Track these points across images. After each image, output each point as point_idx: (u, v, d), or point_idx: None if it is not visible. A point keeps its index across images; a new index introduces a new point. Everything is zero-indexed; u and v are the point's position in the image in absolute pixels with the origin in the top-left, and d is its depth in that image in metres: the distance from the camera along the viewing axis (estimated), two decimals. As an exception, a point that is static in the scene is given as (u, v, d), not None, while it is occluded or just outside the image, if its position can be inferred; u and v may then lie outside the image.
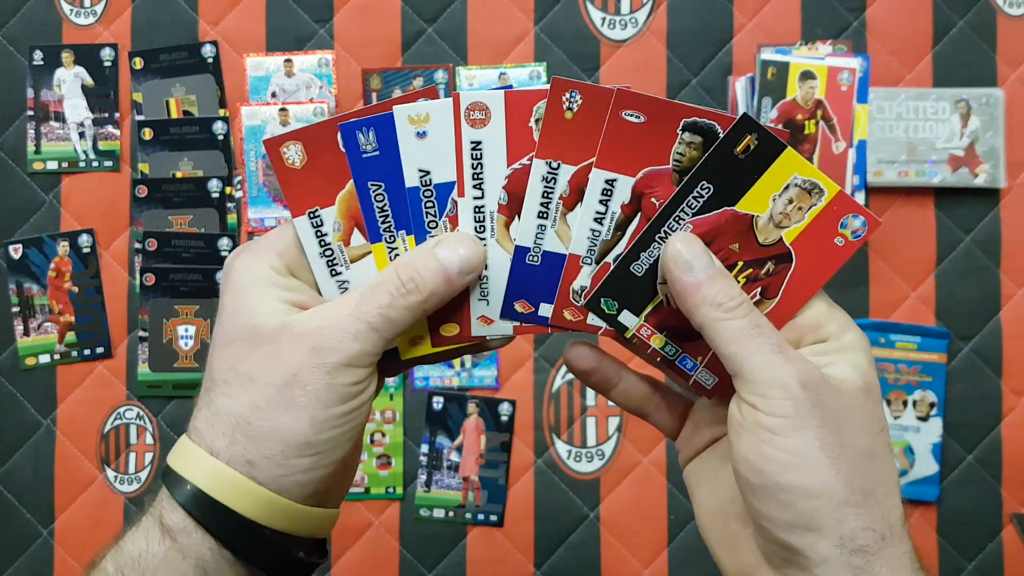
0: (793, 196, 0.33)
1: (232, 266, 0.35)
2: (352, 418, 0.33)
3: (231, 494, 0.32)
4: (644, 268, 0.35)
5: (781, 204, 0.33)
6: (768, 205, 0.33)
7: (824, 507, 0.31)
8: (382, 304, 0.33)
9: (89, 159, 0.85)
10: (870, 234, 0.34)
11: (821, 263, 0.34)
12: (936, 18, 0.84)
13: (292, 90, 0.85)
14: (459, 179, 0.34)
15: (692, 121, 0.32)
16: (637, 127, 0.33)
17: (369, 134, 0.33)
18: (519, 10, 0.85)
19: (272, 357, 0.32)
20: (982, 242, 0.83)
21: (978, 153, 0.82)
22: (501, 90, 0.32)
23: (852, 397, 0.32)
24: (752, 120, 0.32)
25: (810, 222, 0.34)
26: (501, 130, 0.33)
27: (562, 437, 0.83)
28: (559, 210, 0.34)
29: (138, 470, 0.84)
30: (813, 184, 0.33)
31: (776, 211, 0.34)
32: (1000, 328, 0.82)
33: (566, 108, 0.32)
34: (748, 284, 0.35)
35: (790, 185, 0.33)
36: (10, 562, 0.83)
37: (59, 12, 0.86)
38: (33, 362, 0.84)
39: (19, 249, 0.84)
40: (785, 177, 0.33)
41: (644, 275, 0.35)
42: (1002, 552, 0.81)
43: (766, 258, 0.34)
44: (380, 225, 0.35)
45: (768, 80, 0.77)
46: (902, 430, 0.81)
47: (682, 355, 0.36)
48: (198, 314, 0.84)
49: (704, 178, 0.33)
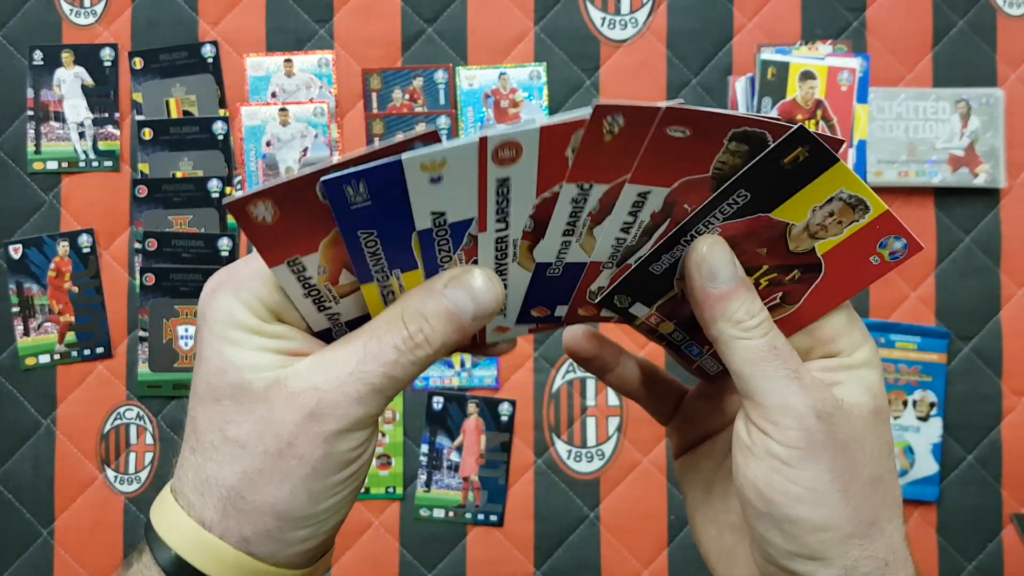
0: (835, 209, 0.32)
1: (210, 308, 0.31)
2: (353, 480, 0.31)
3: (221, 568, 0.29)
4: (664, 267, 0.33)
5: (821, 216, 0.32)
6: (807, 215, 0.32)
7: (830, 540, 0.30)
8: (388, 362, 0.29)
9: (89, 159, 0.85)
10: (910, 256, 0.33)
11: (851, 278, 0.33)
12: (936, 18, 0.84)
13: (292, 90, 0.85)
14: (481, 215, 0.30)
15: (742, 131, 0.30)
16: (680, 141, 0.30)
17: (359, 186, 0.29)
18: (519, 10, 0.85)
19: (264, 422, 0.29)
20: (982, 242, 0.83)
21: (978, 153, 0.82)
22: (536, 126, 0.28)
23: (864, 422, 0.31)
24: (807, 132, 0.30)
25: (848, 236, 0.32)
26: (533, 164, 0.30)
27: (562, 437, 0.83)
28: (586, 225, 0.32)
29: (138, 470, 0.84)
30: (859, 200, 0.32)
31: (814, 222, 0.32)
32: (1000, 328, 0.82)
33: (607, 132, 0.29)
34: (770, 287, 0.33)
35: (834, 198, 0.31)
36: (10, 562, 0.83)
37: (59, 12, 0.86)
38: (33, 362, 0.84)
39: (19, 249, 0.84)
40: (831, 190, 0.31)
41: (663, 273, 0.34)
42: (1002, 552, 0.81)
43: (793, 265, 0.33)
44: (372, 268, 0.31)
45: (768, 80, 0.77)
46: (902, 430, 0.81)
47: (689, 341, 0.36)
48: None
49: (744, 186, 0.31)
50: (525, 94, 0.84)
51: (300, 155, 0.85)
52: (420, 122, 0.85)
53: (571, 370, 0.83)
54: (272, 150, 0.85)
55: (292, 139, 0.85)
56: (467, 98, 0.84)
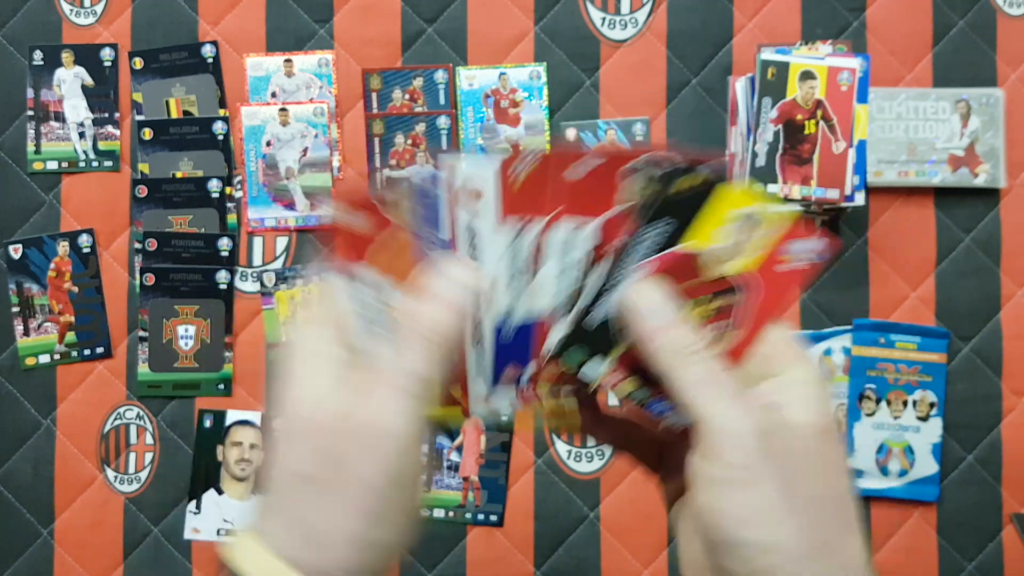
0: (740, 227, 0.33)
1: (301, 347, 0.33)
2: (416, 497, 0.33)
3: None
4: (608, 313, 0.34)
5: (731, 236, 0.33)
6: (718, 238, 0.33)
7: (781, 562, 0.30)
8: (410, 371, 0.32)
9: (89, 159, 0.85)
10: (827, 252, 0.33)
11: (780, 290, 0.34)
12: (936, 18, 0.84)
13: (292, 90, 0.85)
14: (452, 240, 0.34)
15: (631, 167, 0.32)
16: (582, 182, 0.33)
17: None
18: (519, 10, 0.85)
19: (337, 459, 0.31)
20: (982, 242, 0.83)
21: (978, 153, 0.82)
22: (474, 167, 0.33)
23: (808, 442, 0.31)
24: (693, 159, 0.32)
25: (764, 249, 0.34)
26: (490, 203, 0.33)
27: (562, 437, 0.83)
28: (528, 268, 0.34)
29: (138, 470, 0.84)
30: (751, 214, 0.33)
31: (727, 243, 0.34)
32: (1000, 328, 0.82)
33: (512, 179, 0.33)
34: (714, 318, 0.34)
35: (735, 217, 0.33)
36: (10, 562, 0.83)
37: (59, 12, 0.86)
38: (33, 362, 0.84)
39: (19, 249, 0.84)
40: (729, 209, 0.33)
41: (609, 321, 0.34)
42: (1002, 552, 0.81)
43: (726, 290, 0.34)
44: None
45: (768, 80, 0.77)
46: (902, 430, 0.81)
47: (653, 398, 0.36)
48: (198, 314, 0.84)
49: (650, 219, 0.33)
50: (525, 94, 0.84)
51: (300, 155, 0.85)
52: (420, 122, 0.85)
53: (571, 370, 0.83)
54: (272, 150, 0.85)
55: (292, 139, 0.85)
56: (467, 98, 0.84)
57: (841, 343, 0.82)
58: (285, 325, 0.84)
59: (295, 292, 0.84)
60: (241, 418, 0.84)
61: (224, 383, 0.84)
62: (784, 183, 0.76)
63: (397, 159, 0.85)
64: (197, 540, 0.83)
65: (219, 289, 0.84)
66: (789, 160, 0.76)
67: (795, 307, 0.82)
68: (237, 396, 0.84)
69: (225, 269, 0.84)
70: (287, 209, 0.85)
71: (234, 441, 0.83)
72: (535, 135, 0.84)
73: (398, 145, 0.85)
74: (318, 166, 0.85)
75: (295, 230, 0.85)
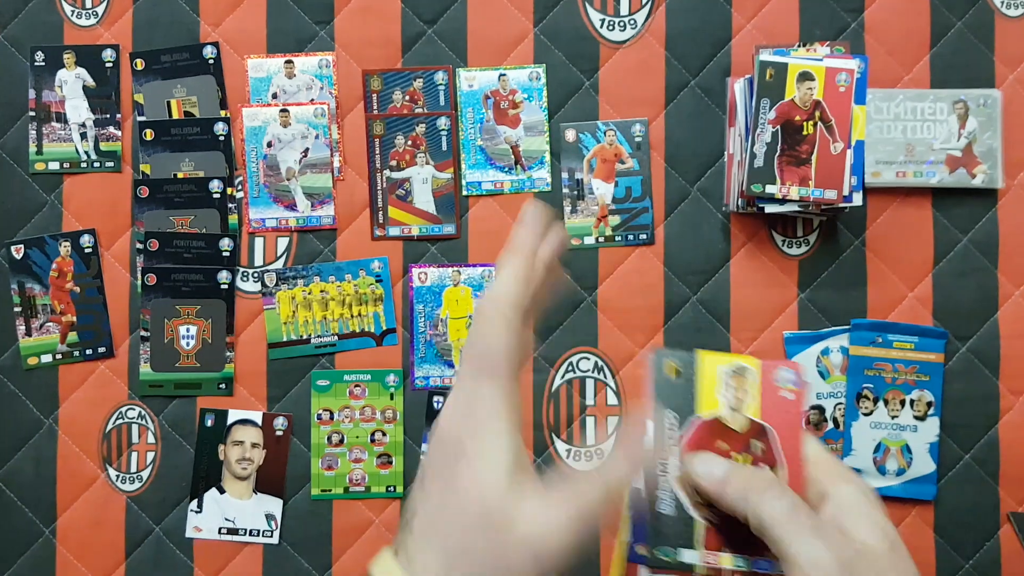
0: (730, 383, 0.39)
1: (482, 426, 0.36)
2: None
3: None
4: (670, 503, 0.39)
5: (728, 394, 0.39)
6: (720, 401, 0.39)
7: None
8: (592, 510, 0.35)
9: (91, 160, 0.86)
10: (804, 377, 0.39)
11: (788, 420, 0.39)
12: (934, 19, 0.84)
13: (293, 91, 0.85)
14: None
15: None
16: None
17: None
18: (519, 11, 0.85)
19: (496, 556, 0.33)
20: (980, 243, 0.83)
21: (976, 154, 0.82)
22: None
23: (884, 562, 0.34)
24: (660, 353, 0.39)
25: (759, 394, 0.39)
26: None
27: (561, 436, 0.84)
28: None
29: (140, 469, 0.84)
30: (738, 367, 0.39)
31: (729, 402, 0.39)
32: (997, 328, 0.83)
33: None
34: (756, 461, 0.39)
35: (722, 376, 0.39)
36: (12, 561, 0.83)
37: (60, 13, 0.86)
38: (35, 362, 0.85)
39: (21, 249, 0.85)
40: (716, 373, 0.39)
41: (676, 510, 0.39)
42: (999, 551, 0.81)
43: (750, 440, 0.39)
44: None
45: (766, 81, 0.77)
46: (899, 429, 0.81)
47: (753, 559, 0.39)
48: (199, 314, 0.84)
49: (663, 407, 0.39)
50: (525, 95, 0.85)
51: (301, 156, 0.85)
52: (420, 123, 0.85)
53: (570, 370, 0.84)
54: (273, 151, 0.85)
55: (293, 140, 0.85)
56: (467, 99, 0.85)
57: (839, 343, 0.82)
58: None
59: (296, 292, 0.85)
60: (242, 417, 0.84)
61: (225, 383, 0.84)
62: (782, 184, 0.77)
63: (397, 160, 0.85)
64: (199, 539, 0.84)
65: (220, 289, 0.84)
66: (787, 161, 0.77)
67: (793, 307, 0.83)
68: (238, 395, 0.84)
69: (226, 269, 0.84)
70: (288, 210, 0.85)
71: (235, 440, 0.84)
72: (535, 136, 0.85)
73: (398, 146, 0.85)
74: (319, 167, 0.85)
75: (296, 230, 0.85)
